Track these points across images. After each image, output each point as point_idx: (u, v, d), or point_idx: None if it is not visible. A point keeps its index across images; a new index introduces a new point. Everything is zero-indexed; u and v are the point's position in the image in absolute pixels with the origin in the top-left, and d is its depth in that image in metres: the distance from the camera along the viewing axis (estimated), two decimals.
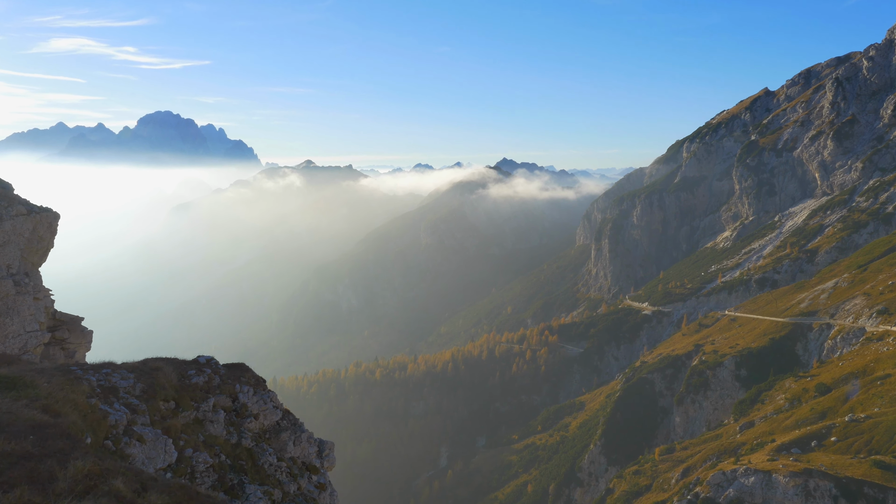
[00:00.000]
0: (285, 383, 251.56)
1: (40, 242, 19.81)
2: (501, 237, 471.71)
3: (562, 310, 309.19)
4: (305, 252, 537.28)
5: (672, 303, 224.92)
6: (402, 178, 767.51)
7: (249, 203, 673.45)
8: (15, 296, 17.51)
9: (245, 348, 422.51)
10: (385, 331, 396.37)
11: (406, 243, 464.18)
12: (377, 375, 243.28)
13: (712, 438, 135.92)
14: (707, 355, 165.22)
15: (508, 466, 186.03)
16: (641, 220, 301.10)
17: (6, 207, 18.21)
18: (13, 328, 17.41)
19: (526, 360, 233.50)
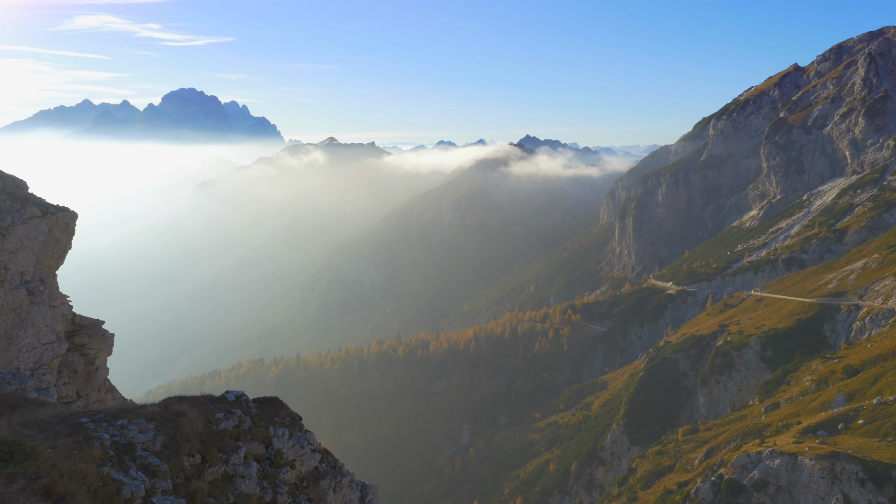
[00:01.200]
0: (308, 360, 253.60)
1: (56, 245, 18.58)
2: (524, 215, 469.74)
3: (585, 288, 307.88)
4: (328, 229, 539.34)
5: (697, 282, 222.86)
6: (425, 156, 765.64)
7: (272, 180, 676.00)
8: (29, 306, 16.48)
9: (268, 325, 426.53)
10: (407, 308, 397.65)
11: (428, 221, 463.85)
12: (399, 353, 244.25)
13: (737, 419, 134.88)
14: (732, 336, 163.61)
15: (530, 445, 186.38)
16: (666, 198, 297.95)
17: (18, 210, 17.01)
18: (27, 341, 16.43)
19: (548, 338, 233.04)
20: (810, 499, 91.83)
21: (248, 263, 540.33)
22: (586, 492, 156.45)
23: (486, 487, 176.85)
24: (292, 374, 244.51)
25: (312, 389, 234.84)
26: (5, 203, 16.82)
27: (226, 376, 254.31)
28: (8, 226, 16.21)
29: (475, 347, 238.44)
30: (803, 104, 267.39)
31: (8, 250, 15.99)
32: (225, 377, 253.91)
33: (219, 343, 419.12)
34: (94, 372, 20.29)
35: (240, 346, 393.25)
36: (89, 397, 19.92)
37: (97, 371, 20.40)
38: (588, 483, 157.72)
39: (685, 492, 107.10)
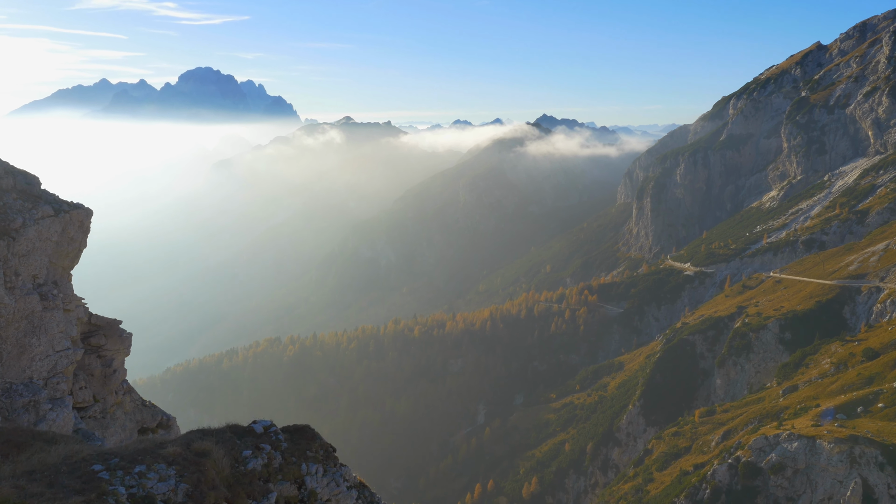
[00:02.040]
0: (325, 339, 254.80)
1: (71, 244, 17.68)
2: (541, 195, 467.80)
3: (601, 269, 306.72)
4: (344, 209, 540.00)
5: (715, 263, 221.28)
6: (441, 135, 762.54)
7: (289, 160, 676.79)
8: (42, 312, 15.53)
9: (284, 304, 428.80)
10: (423, 288, 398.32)
11: (445, 201, 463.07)
12: (416, 332, 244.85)
13: (754, 402, 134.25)
14: (750, 317, 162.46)
15: (546, 425, 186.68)
16: (685, 178, 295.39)
17: (30, 210, 16.08)
18: (40, 349, 15.45)
19: (565, 319, 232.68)
20: (828, 482, 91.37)
21: (265, 243, 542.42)
22: (602, 472, 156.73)
23: (502, 467, 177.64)
24: (309, 353, 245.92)
25: (329, 368, 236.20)
26: (16, 202, 15.94)
27: (243, 355, 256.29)
28: (18, 227, 15.29)
29: (491, 327, 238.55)
30: (826, 83, 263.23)
31: (19, 254, 15.11)
32: (242, 356, 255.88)
33: (236, 322, 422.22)
34: (112, 374, 19.43)
35: (257, 324, 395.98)
36: (106, 401, 19.14)
37: (115, 373, 19.54)
38: (603, 463, 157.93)
39: (701, 473, 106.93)
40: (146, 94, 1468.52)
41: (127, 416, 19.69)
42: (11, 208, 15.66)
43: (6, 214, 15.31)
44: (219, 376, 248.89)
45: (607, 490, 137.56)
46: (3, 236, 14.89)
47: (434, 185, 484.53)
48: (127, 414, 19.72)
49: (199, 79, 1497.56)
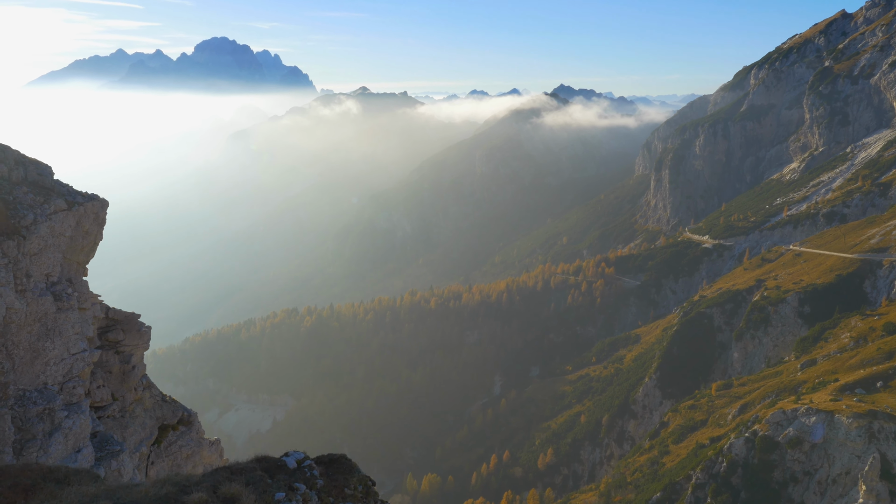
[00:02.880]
0: (342, 310, 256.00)
1: (86, 238, 16.64)
2: (558, 166, 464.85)
3: (619, 241, 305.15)
4: (361, 180, 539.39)
5: (734, 236, 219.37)
6: (458, 106, 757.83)
7: (305, 130, 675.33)
8: (55, 314, 14.52)
9: (302, 275, 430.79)
10: (439, 259, 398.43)
11: (461, 172, 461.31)
12: (432, 304, 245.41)
13: (772, 375, 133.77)
14: (769, 291, 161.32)
15: (562, 397, 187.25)
16: (704, 149, 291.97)
17: (41, 205, 14.93)
18: (55, 353, 14.46)
19: (581, 291, 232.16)
20: (846, 457, 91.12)
21: (282, 214, 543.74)
22: (617, 444, 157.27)
23: (517, 438, 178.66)
24: (326, 325, 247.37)
25: (345, 339, 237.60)
26: (27, 196, 14.87)
27: (261, 326, 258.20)
28: (29, 224, 14.31)
29: (507, 299, 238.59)
30: (850, 52, 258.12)
31: (30, 252, 14.17)
32: (260, 326, 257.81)
33: (253, 292, 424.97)
34: (131, 371, 18.68)
35: (274, 295, 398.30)
36: (125, 399, 18.39)
37: (133, 370, 18.80)
38: (619, 435, 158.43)
39: (718, 447, 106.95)
40: (162, 64, 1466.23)
41: (147, 412, 19.03)
42: (22, 203, 14.69)
43: (16, 211, 14.32)
44: (237, 346, 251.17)
45: (623, 462, 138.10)
46: (14, 235, 13.95)
47: (450, 156, 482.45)
48: (147, 411, 19.07)
49: (215, 49, 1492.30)
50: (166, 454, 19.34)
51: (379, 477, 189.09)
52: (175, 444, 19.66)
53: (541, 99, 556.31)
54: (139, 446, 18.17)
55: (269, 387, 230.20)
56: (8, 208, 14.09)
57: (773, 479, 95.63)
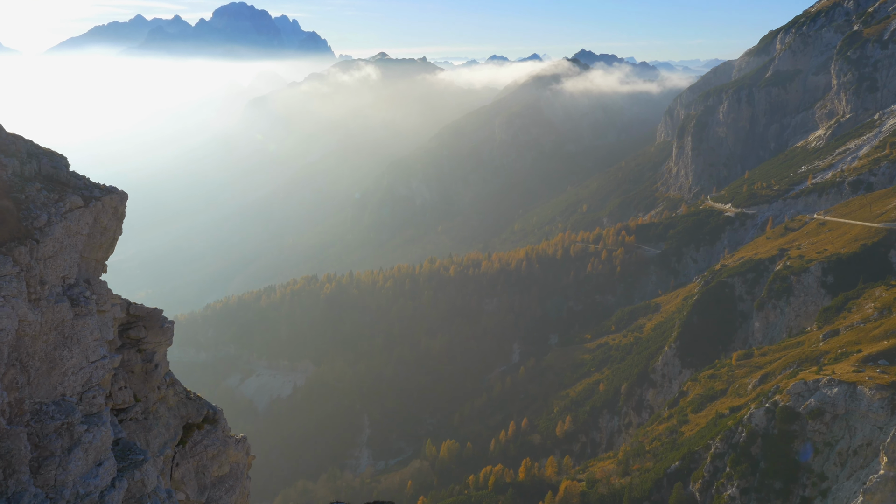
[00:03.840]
0: (361, 278, 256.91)
1: (104, 235, 15.47)
2: (578, 133, 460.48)
3: (639, 209, 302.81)
4: (380, 146, 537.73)
5: (757, 205, 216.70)
6: (478, 72, 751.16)
7: (324, 97, 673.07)
8: (73, 320, 13.45)
9: (321, 242, 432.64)
10: (458, 227, 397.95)
11: (480, 138, 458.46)
12: (451, 272, 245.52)
13: (793, 346, 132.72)
14: (792, 260, 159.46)
15: (580, 365, 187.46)
16: (728, 116, 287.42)
17: (56, 203, 13.81)
18: (73, 362, 13.41)
19: (601, 259, 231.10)
20: (868, 428, 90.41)
21: (301, 181, 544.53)
22: (636, 412, 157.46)
23: (536, 405, 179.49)
24: (345, 292, 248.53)
25: (364, 307, 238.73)
26: (40, 194, 13.70)
27: (281, 293, 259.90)
28: (43, 226, 13.17)
29: (527, 267, 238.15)
30: (880, 16, 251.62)
31: (45, 256, 13.09)
32: (280, 293, 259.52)
33: (273, 259, 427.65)
34: (154, 370, 17.76)
35: (293, 262, 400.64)
36: (148, 399, 17.53)
37: (156, 368, 17.86)
38: (638, 404, 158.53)
39: (738, 417, 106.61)
40: (181, 30, 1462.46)
41: (170, 411, 18.32)
42: (35, 202, 13.53)
43: (29, 211, 13.21)
44: (257, 313, 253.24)
45: (641, 430, 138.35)
46: (26, 240, 12.80)
47: (470, 122, 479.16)
48: (170, 410, 18.34)
49: (234, 14, 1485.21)
50: (191, 454, 18.68)
51: (398, 443, 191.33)
52: (200, 443, 19.02)
53: (561, 65, 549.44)
54: (163, 449, 17.44)
55: (289, 353, 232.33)
56: (19, 209, 13.15)
57: (794, 450, 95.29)
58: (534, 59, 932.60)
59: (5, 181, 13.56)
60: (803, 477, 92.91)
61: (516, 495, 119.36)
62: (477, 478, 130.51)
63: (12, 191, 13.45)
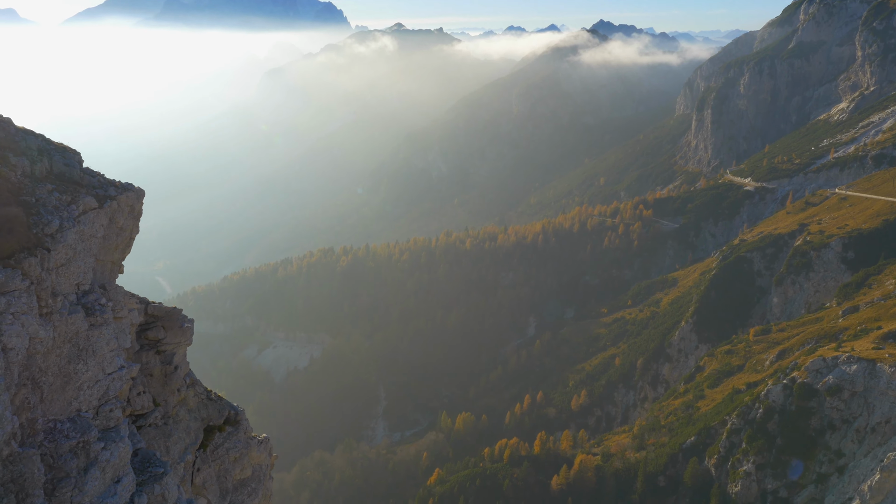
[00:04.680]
0: (378, 251, 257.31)
1: (120, 235, 14.57)
2: (596, 105, 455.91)
3: (657, 183, 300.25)
4: (396, 118, 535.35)
5: (777, 179, 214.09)
6: (495, 43, 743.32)
7: (340, 69, 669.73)
8: (88, 331, 12.60)
9: (336, 215, 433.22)
10: (474, 200, 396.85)
11: (497, 111, 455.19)
12: (467, 245, 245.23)
13: (812, 322, 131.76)
14: (812, 235, 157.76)
15: (596, 339, 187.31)
16: (749, 88, 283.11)
17: (68, 205, 12.88)
18: (88, 375, 12.57)
19: (618, 233, 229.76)
20: (886, 406, 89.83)
21: (317, 153, 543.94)
22: (651, 387, 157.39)
23: (551, 379, 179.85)
24: (361, 264, 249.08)
25: (381, 280, 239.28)
26: (51, 196, 12.76)
27: (297, 265, 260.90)
28: (55, 232, 12.19)
29: (543, 241, 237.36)
30: None
31: (57, 265, 12.17)
32: (297, 265, 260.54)
33: (289, 231, 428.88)
34: (173, 372, 16.99)
35: (309, 234, 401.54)
36: (168, 403, 16.80)
37: (176, 371, 17.08)
38: (654, 379, 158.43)
39: (755, 393, 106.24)
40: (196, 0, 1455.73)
41: (191, 414, 17.60)
42: (46, 206, 12.53)
43: (39, 217, 12.21)
44: (274, 285, 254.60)
45: (657, 405, 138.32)
46: (36, 249, 11.86)
47: (487, 94, 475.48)
48: (191, 412, 17.64)
49: None
50: (213, 458, 18.01)
51: (413, 415, 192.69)
52: (222, 446, 18.34)
53: (580, 35, 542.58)
54: (184, 454, 16.72)
55: (305, 325, 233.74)
56: (29, 214, 12.18)
57: (811, 427, 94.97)
58: (552, 30, 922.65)
59: (15, 183, 12.62)
60: (820, 454, 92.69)
61: (531, 468, 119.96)
62: (492, 450, 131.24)
63: (22, 193, 12.57)
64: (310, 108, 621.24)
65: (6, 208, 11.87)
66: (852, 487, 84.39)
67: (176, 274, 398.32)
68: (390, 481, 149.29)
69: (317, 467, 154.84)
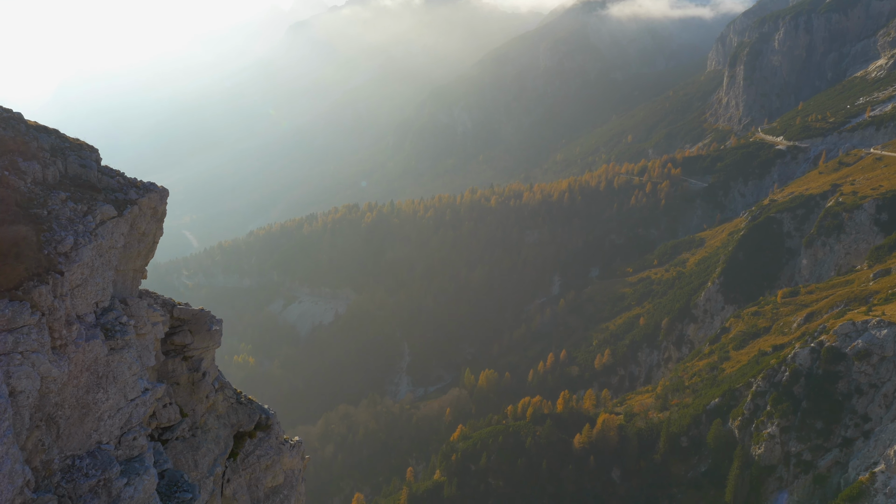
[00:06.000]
0: (402, 207, 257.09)
1: (142, 241, 13.49)
2: (625, 60, 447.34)
3: (686, 141, 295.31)
4: (421, 73, 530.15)
5: (810, 137, 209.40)
6: None
7: (366, 22, 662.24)
8: (108, 356, 11.53)
9: (361, 170, 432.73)
10: (500, 156, 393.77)
11: (524, 65, 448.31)
12: (492, 202, 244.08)
13: (841, 284, 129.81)
14: (845, 196, 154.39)
15: (621, 298, 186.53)
16: (783, 44, 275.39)
17: (84, 216, 11.67)
18: (108, 404, 11.54)
19: (645, 192, 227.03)
20: None
21: (342, 107, 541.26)
22: (676, 347, 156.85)
23: (575, 338, 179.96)
24: (386, 221, 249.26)
25: (405, 236, 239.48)
26: (65, 207, 11.56)
27: (322, 220, 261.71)
28: (69, 251, 10.99)
29: (569, 199, 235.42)
30: None
31: (72, 286, 11.04)
32: (322, 221, 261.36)
33: (314, 186, 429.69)
34: (201, 380, 15.95)
35: (334, 189, 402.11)
36: (196, 412, 15.74)
37: (204, 377, 16.04)
38: (678, 339, 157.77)
39: (781, 355, 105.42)
40: None
41: (220, 420, 16.65)
42: (59, 219, 11.24)
43: (52, 233, 10.96)
44: (299, 240, 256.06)
45: (681, 365, 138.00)
46: (48, 275, 10.63)
47: (513, 48, 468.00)
48: (220, 418, 16.68)
49: None
50: (243, 467, 17.10)
51: (437, 371, 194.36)
52: (253, 454, 17.45)
53: None
54: (213, 467, 15.72)
55: (330, 280, 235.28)
56: (40, 231, 10.83)
57: (837, 391, 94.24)
58: None
59: (24, 193, 11.35)
60: (846, 417, 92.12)
61: (554, 426, 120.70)
62: (515, 408, 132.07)
63: (32, 205, 11.26)
64: (334, 62, 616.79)
65: (13, 227, 10.58)
66: (878, 452, 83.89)
67: (203, 228, 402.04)
68: (414, 436, 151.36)
69: (341, 421, 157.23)
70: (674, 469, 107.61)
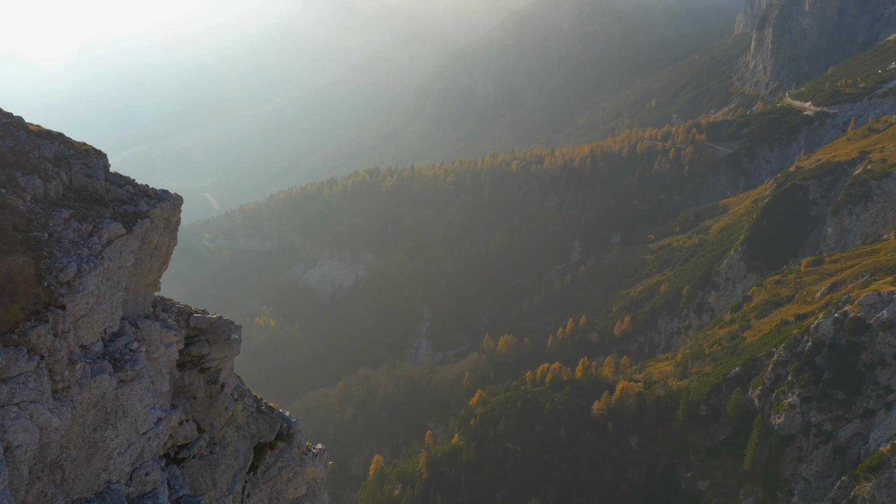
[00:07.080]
0: (423, 171, 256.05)
1: (154, 255, 12.54)
2: (650, 22, 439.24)
3: (711, 105, 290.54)
4: (442, 35, 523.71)
5: (839, 103, 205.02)
6: None
7: None
8: (116, 390, 10.64)
9: (382, 133, 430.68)
10: (521, 120, 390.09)
11: (547, 27, 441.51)
12: (513, 167, 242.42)
13: (867, 254, 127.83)
14: (873, 164, 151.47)
15: (642, 265, 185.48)
16: (814, 6, 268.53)
17: (88, 238, 10.69)
18: (118, 441, 10.65)
19: (669, 158, 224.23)
20: None
21: (362, 69, 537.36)
22: (696, 315, 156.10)
23: (595, 304, 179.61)
24: (406, 185, 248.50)
25: (425, 200, 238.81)
26: (68, 228, 10.63)
27: (343, 184, 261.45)
28: (71, 280, 10.06)
29: (591, 164, 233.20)
30: None
31: (75, 318, 10.11)
32: (342, 185, 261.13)
33: (334, 150, 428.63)
34: (219, 392, 15.00)
35: (354, 153, 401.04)
36: (214, 427, 14.84)
37: (222, 390, 15.09)
38: (699, 307, 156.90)
39: (804, 325, 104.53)
40: None
41: (239, 432, 15.71)
42: (61, 243, 10.36)
43: (52, 261, 10.00)
44: (319, 204, 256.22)
45: (701, 333, 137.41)
46: (47, 312, 9.63)
47: (536, 10, 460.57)
48: (239, 429, 15.76)
49: None
50: (264, 480, 16.28)
51: (456, 335, 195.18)
52: (274, 466, 16.60)
53: None
54: (232, 485, 14.87)
55: (351, 244, 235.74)
56: (39, 259, 9.89)
57: (860, 362, 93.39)
58: None
59: (23, 214, 10.33)
60: (868, 388, 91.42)
61: (572, 393, 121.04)
62: (534, 374, 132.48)
63: (32, 227, 10.26)
64: (354, 24, 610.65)
65: (8, 259, 9.50)
66: None
67: (224, 191, 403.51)
68: (433, 399, 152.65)
69: (361, 383, 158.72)
70: (692, 437, 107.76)
